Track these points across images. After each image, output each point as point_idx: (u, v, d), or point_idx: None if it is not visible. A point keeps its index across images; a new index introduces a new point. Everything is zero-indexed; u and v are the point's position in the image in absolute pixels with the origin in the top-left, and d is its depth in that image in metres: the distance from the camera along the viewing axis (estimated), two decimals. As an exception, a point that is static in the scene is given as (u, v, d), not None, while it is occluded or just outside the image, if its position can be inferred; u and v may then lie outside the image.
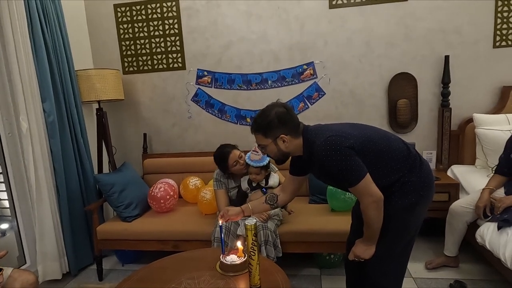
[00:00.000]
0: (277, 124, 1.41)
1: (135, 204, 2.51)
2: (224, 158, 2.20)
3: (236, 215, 1.69)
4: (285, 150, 1.46)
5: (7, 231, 3.36)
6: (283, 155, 1.49)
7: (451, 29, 2.61)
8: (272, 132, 1.42)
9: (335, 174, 1.34)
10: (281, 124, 1.41)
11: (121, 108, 3.13)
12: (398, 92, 2.73)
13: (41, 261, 2.38)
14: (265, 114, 1.44)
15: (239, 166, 2.21)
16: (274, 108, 1.43)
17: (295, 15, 2.78)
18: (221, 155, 2.22)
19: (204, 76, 2.98)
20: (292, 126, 1.44)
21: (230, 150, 2.20)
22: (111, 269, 2.61)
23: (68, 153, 2.51)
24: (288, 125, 1.42)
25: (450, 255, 2.24)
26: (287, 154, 1.49)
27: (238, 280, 1.50)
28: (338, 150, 1.30)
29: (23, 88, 2.24)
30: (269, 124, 1.42)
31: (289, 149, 1.46)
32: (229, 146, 2.26)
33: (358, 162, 1.31)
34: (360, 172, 1.31)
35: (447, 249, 2.25)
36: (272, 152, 1.49)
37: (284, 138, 1.42)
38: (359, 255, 1.45)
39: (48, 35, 2.39)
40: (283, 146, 1.44)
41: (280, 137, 1.42)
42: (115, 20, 3.02)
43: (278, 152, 1.47)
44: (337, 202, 2.33)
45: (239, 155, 2.21)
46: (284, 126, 1.41)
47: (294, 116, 1.47)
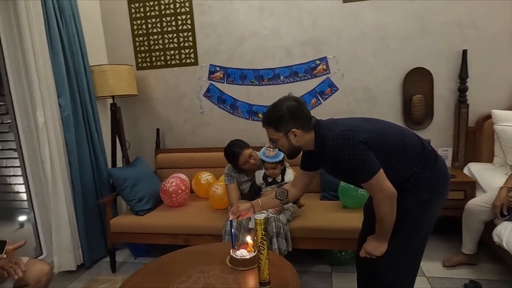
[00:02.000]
0: (289, 118, 1.39)
1: (147, 198, 2.55)
2: (234, 158, 2.21)
3: (246, 211, 1.68)
4: (296, 145, 1.44)
5: (25, 223, 3.47)
6: (294, 150, 1.47)
7: (468, 23, 2.53)
8: (283, 126, 1.40)
9: (348, 169, 1.32)
10: (293, 118, 1.39)
11: (134, 103, 3.17)
12: (413, 87, 2.67)
13: (57, 253, 2.44)
14: (277, 108, 1.42)
15: (249, 165, 2.22)
16: (285, 102, 1.41)
17: (308, 10, 2.75)
18: (231, 155, 2.23)
19: (216, 72, 2.99)
20: (303, 120, 1.42)
21: (240, 151, 2.19)
22: (123, 261, 2.66)
23: (83, 147, 2.56)
24: (299, 119, 1.40)
25: (469, 253, 2.19)
26: (299, 148, 1.47)
27: (247, 274, 1.50)
28: (350, 144, 1.28)
29: (39, 83, 2.30)
30: (280, 118, 1.40)
31: (301, 143, 1.44)
32: (239, 145, 2.24)
33: (371, 157, 1.29)
34: (373, 167, 1.28)
35: (465, 247, 2.20)
36: (283, 147, 1.47)
37: (296, 132, 1.40)
38: (370, 252, 1.42)
39: (63, 32, 2.43)
40: (295, 141, 1.42)
41: (292, 131, 1.40)
42: (129, 16, 3.06)
43: (289, 146, 1.45)
44: (349, 199, 2.31)
45: (249, 154, 2.21)
46: (295, 120, 1.39)
47: (306, 110, 1.45)
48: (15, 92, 2.38)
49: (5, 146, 3.53)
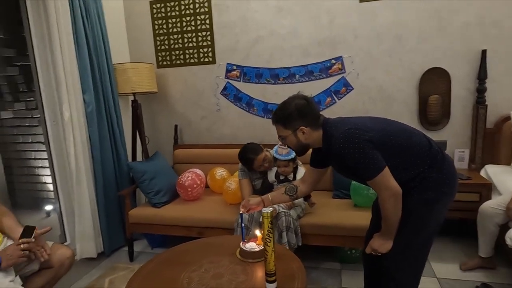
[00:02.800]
0: (297, 116, 1.43)
1: (164, 191, 2.65)
2: (249, 163, 2.29)
3: (256, 205, 1.73)
4: (304, 142, 1.47)
5: (51, 212, 3.67)
6: (302, 147, 1.51)
7: (490, 22, 2.48)
8: (292, 124, 1.44)
9: (353, 167, 1.35)
10: (301, 116, 1.43)
11: (154, 100, 3.29)
12: (429, 88, 2.65)
13: (79, 240, 2.59)
14: (286, 106, 1.46)
15: (264, 168, 2.30)
16: (294, 100, 1.45)
17: (325, 9, 2.77)
18: (246, 161, 2.30)
19: (233, 70, 3.06)
20: (312, 118, 1.45)
21: (255, 157, 2.25)
22: (141, 251, 2.78)
23: (105, 141, 2.69)
24: (307, 117, 1.44)
25: (485, 256, 2.16)
26: (307, 146, 1.51)
27: (256, 266, 1.56)
28: (356, 143, 1.31)
29: (66, 80, 2.44)
30: (289, 116, 1.44)
31: (309, 141, 1.47)
32: (253, 150, 2.28)
33: (376, 156, 1.31)
34: (378, 166, 1.31)
35: (481, 250, 2.17)
36: (292, 143, 1.51)
37: (304, 130, 1.44)
38: (376, 249, 1.44)
39: (89, 31, 2.56)
40: (303, 138, 1.46)
41: (300, 129, 1.44)
42: (150, 16, 3.17)
43: (298, 143, 1.49)
44: (361, 198, 2.32)
45: (263, 158, 2.27)
46: (303, 118, 1.43)
47: (315, 108, 1.48)
48: (44, 88, 2.54)
49: (34, 139, 3.75)
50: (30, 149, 3.77)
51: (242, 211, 1.74)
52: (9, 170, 3.80)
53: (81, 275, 2.44)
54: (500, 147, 2.54)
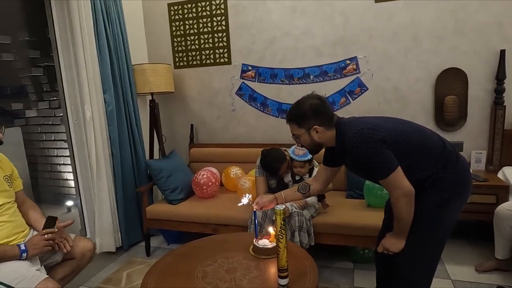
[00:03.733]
0: (311, 115, 1.45)
1: (180, 188, 2.72)
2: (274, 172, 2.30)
3: (269, 202, 1.76)
4: (318, 141, 1.50)
5: (72, 208, 3.81)
6: (316, 146, 1.53)
7: (509, 22, 2.44)
8: (306, 123, 1.47)
9: (366, 166, 1.37)
10: (315, 116, 1.45)
11: (171, 100, 3.37)
12: (446, 88, 2.62)
13: (99, 235, 2.68)
14: (300, 105, 1.49)
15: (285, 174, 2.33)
16: (308, 100, 1.48)
17: (340, 9, 2.78)
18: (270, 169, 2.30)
19: (248, 71, 3.10)
20: (325, 117, 1.47)
21: (280, 166, 2.25)
22: (157, 247, 2.86)
23: (124, 139, 2.78)
24: (321, 116, 1.46)
25: (501, 258, 2.13)
26: (320, 144, 1.53)
27: (268, 262, 1.60)
28: (369, 142, 1.32)
29: (88, 80, 2.53)
30: (303, 115, 1.46)
31: (322, 140, 1.49)
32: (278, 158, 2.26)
33: (389, 155, 1.32)
34: (391, 165, 1.32)
35: (497, 252, 2.14)
36: (306, 142, 1.53)
37: (317, 129, 1.46)
38: (388, 248, 1.45)
39: (110, 33, 2.65)
40: (316, 137, 1.48)
41: (313, 128, 1.46)
42: (168, 18, 3.25)
43: (311, 142, 1.51)
44: (374, 198, 2.33)
45: (286, 167, 2.28)
46: (317, 117, 1.45)
47: (328, 108, 1.50)
48: (67, 87, 2.64)
49: (57, 137, 3.90)
50: (53, 146, 3.93)
51: (255, 208, 1.77)
52: (33, 166, 3.96)
53: (100, 268, 2.54)
54: (519, 148, 2.50)
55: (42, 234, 1.57)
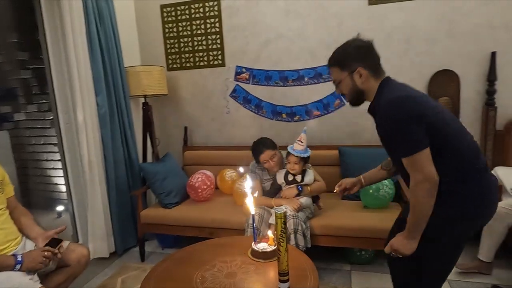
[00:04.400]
0: (356, 56, 1.34)
1: (175, 192, 2.69)
2: (257, 154, 2.34)
3: (352, 184, 1.62)
4: (360, 87, 1.35)
5: (63, 213, 3.73)
6: (357, 93, 1.38)
7: (500, 24, 2.48)
8: (349, 64, 1.34)
9: (391, 136, 1.24)
10: (360, 57, 1.34)
11: (164, 102, 3.33)
12: (438, 90, 2.65)
13: (92, 240, 2.63)
14: (345, 46, 1.39)
15: (268, 165, 2.32)
16: (354, 41, 1.38)
17: (333, 12, 2.79)
18: (255, 151, 2.36)
19: (242, 73, 3.09)
20: (372, 61, 1.35)
21: (264, 150, 2.30)
22: (152, 251, 2.81)
23: (117, 143, 2.74)
24: (367, 59, 1.34)
25: (485, 260, 2.14)
26: (362, 92, 1.37)
27: (268, 266, 1.58)
28: (405, 112, 1.18)
29: (80, 83, 2.48)
30: (347, 55, 1.36)
31: (365, 86, 1.35)
32: (265, 144, 2.34)
33: (420, 132, 1.18)
34: (419, 143, 1.18)
35: (481, 254, 2.15)
36: (347, 88, 1.38)
37: (362, 72, 1.32)
38: (397, 249, 1.28)
39: (102, 34, 2.61)
40: (359, 82, 1.34)
41: (357, 70, 1.33)
42: (161, 19, 3.22)
43: (353, 88, 1.37)
44: (370, 199, 2.34)
45: (271, 155, 2.30)
46: (363, 59, 1.34)
47: (376, 53, 1.37)
48: (58, 90, 2.59)
49: (46, 141, 3.82)
50: (42, 150, 3.85)
51: (337, 190, 1.66)
52: (22, 171, 3.87)
53: (93, 275, 2.48)
54: (510, 148, 2.54)
55: (42, 250, 1.54)
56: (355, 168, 2.55)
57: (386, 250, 1.35)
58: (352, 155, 2.64)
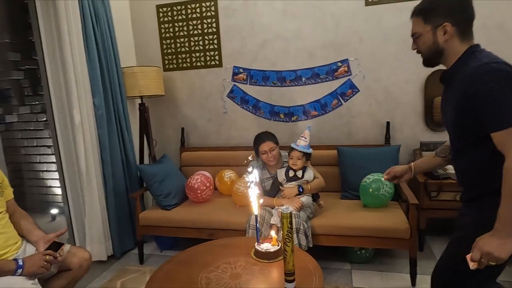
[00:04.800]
0: (445, 9, 1.18)
1: (174, 193, 2.67)
2: (256, 143, 2.40)
3: (402, 173, 1.51)
4: (440, 45, 1.19)
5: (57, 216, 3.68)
6: (436, 52, 1.22)
7: (494, 24, 2.53)
8: (435, 18, 1.19)
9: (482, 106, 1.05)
10: (450, 11, 1.17)
11: (161, 103, 3.31)
12: (435, 89, 2.68)
13: (89, 243, 2.59)
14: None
15: (267, 157, 2.34)
16: None
17: (330, 12, 2.80)
18: (257, 139, 2.42)
19: (239, 73, 3.09)
20: (463, 20, 1.18)
21: (266, 140, 2.36)
22: (150, 254, 2.79)
23: (114, 144, 2.70)
24: (459, 15, 1.18)
25: None
26: (441, 52, 1.21)
27: (272, 266, 1.58)
28: (498, 77, 1.04)
29: (76, 84, 2.45)
30: (435, 7, 1.20)
31: (446, 46, 1.19)
32: (269, 135, 2.41)
33: None
34: None
35: None
36: (425, 44, 1.23)
37: (447, 28, 1.16)
38: (489, 252, 1.00)
39: (98, 35, 2.58)
40: (441, 39, 1.19)
41: (443, 25, 1.17)
42: (157, 20, 3.20)
43: (433, 45, 1.21)
44: (370, 198, 2.35)
45: (271, 147, 2.33)
46: (453, 14, 1.17)
47: (471, 12, 1.20)
48: (54, 91, 2.54)
49: (39, 143, 3.76)
50: (35, 153, 3.78)
51: (385, 178, 1.57)
52: (14, 174, 3.80)
53: (92, 278, 2.45)
54: (505, 147, 2.58)
55: (44, 253, 1.51)
56: (354, 167, 2.58)
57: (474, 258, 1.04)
58: (350, 155, 2.66)
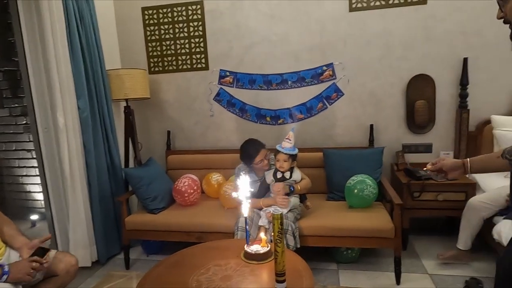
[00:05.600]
0: None
1: (161, 197, 2.65)
2: (252, 156, 2.34)
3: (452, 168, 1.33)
4: None
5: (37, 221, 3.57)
6: None
7: (472, 31, 2.64)
8: None
9: None
10: None
11: (147, 106, 3.28)
12: (416, 93, 2.78)
13: (73, 249, 2.52)
14: None
15: (263, 164, 2.33)
16: None
17: (315, 17, 2.86)
18: (249, 152, 2.35)
19: (226, 76, 3.10)
20: None
21: (260, 149, 2.34)
22: (136, 258, 2.75)
23: (99, 147, 2.66)
24: None
25: (463, 249, 2.27)
26: None
27: (262, 267, 1.59)
28: None
29: (60, 86, 2.40)
30: None
31: None
32: (258, 143, 2.38)
33: None
34: None
35: (460, 243, 2.28)
36: None
37: None
38: None
39: (83, 36, 2.54)
40: None
41: None
42: (142, 22, 3.17)
43: None
44: (355, 199, 2.41)
45: (266, 154, 2.34)
46: None
47: None
48: (36, 93, 2.48)
49: (18, 147, 3.64)
50: (14, 157, 3.67)
51: (429, 168, 1.40)
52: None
53: (76, 285, 2.39)
54: (482, 149, 2.70)
55: (30, 260, 1.46)
56: (339, 169, 2.64)
57: None
58: (336, 157, 2.71)
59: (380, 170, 2.61)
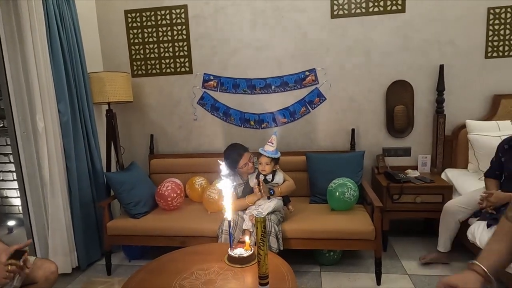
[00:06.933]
0: None
1: (143, 201, 2.62)
2: (236, 160, 2.35)
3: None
4: None
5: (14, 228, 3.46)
6: None
7: (446, 40, 2.76)
8: None
9: None
10: None
11: (129, 109, 3.24)
12: (395, 98, 2.87)
13: (53, 256, 2.46)
14: None
15: (247, 168, 2.35)
16: None
17: (298, 23, 2.91)
18: (234, 156, 2.37)
19: (210, 81, 3.11)
20: None
21: (243, 153, 2.35)
22: (118, 264, 2.70)
23: (80, 152, 2.61)
24: None
25: (443, 251, 2.35)
26: None
27: (245, 271, 1.61)
28: None
29: (40, 89, 2.35)
30: None
31: None
32: (241, 147, 2.40)
33: None
34: None
35: (440, 245, 2.36)
36: None
37: None
38: None
39: (64, 37, 2.49)
40: None
41: None
42: (125, 25, 3.15)
43: None
44: (337, 202, 2.45)
45: (249, 157, 2.37)
46: None
47: None
48: (15, 96, 2.41)
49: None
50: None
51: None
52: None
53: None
54: (457, 152, 2.81)
55: (5, 264, 1.42)
56: (321, 172, 2.68)
57: None
58: (318, 160, 2.75)
59: (361, 173, 2.67)
